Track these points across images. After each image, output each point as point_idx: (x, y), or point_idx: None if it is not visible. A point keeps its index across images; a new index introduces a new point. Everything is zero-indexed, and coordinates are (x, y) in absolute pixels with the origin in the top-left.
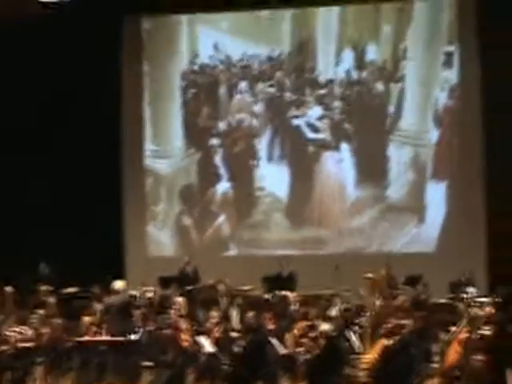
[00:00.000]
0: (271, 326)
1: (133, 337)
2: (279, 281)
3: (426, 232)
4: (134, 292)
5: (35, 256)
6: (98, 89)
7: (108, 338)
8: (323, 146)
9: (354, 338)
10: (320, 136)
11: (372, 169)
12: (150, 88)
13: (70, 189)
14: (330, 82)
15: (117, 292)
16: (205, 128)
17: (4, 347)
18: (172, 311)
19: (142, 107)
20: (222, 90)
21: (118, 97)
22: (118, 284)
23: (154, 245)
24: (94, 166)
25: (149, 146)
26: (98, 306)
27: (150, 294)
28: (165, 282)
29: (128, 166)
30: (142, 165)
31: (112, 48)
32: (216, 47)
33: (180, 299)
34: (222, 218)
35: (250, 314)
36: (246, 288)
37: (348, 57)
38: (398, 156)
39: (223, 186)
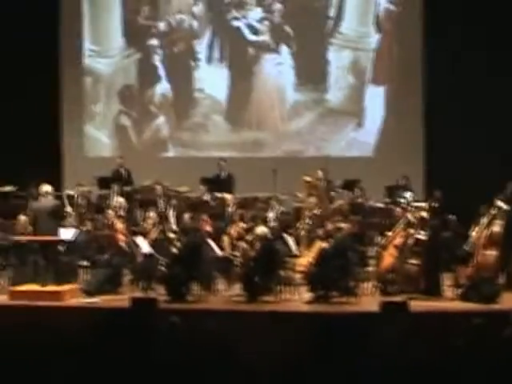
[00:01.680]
0: (208, 228)
1: (68, 237)
2: (217, 183)
3: (363, 136)
4: (71, 192)
5: None
6: None
7: (45, 237)
8: (263, 48)
9: (290, 240)
10: (260, 38)
11: (311, 72)
12: None
13: (7, 88)
14: None
15: (44, 195)
16: (145, 28)
17: None
18: (110, 211)
19: (81, 5)
20: None
21: None
22: (45, 188)
23: (92, 145)
24: (32, 64)
25: (88, 45)
26: (33, 205)
27: (87, 194)
28: (103, 183)
29: (67, 65)
30: (81, 64)
31: None
32: None
33: (120, 199)
34: (160, 119)
35: (187, 215)
36: (183, 189)
37: None
38: (337, 60)
39: (162, 87)
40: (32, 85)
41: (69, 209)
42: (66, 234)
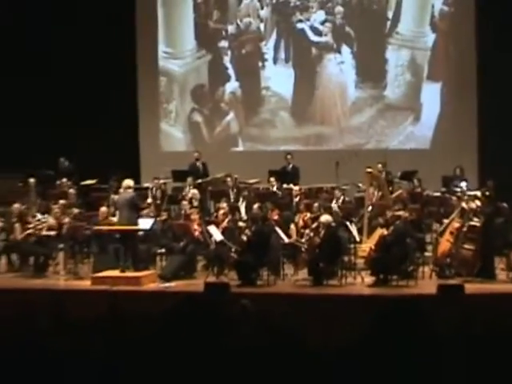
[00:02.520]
0: (276, 217)
1: (146, 226)
2: (284, 175)
3: (420, 130)
4: (148, 184)
5: (56, 152)
6: None
7: (124, 227)
8: (325, 48)
9: (352, 228)
10: (323, 39)
11: (371, 70)
12: None
13: (88, 88)
14: None
15: (126, 189)
16: (215, 31)
17: (28, 234)
18: (184, 202)
19: (156, 10)
20: None
21: (132, 0)
22: (127, 182)
23: (167, 140)
24: (110, 67)
25: (162, 48)
26: (115, 197)
27: (163, 187)
28: (177, 176)
29: (143, 67)
30: (156, 66)
31: None
32: None
33: (194, 191)
34: (230, 116)
35: (256, 205)
36: (252, 181)
37: None
38: (395, 58)
39: (232, 86)
40: (110, 85)
41: (149, 200)
42: (144, 223)
